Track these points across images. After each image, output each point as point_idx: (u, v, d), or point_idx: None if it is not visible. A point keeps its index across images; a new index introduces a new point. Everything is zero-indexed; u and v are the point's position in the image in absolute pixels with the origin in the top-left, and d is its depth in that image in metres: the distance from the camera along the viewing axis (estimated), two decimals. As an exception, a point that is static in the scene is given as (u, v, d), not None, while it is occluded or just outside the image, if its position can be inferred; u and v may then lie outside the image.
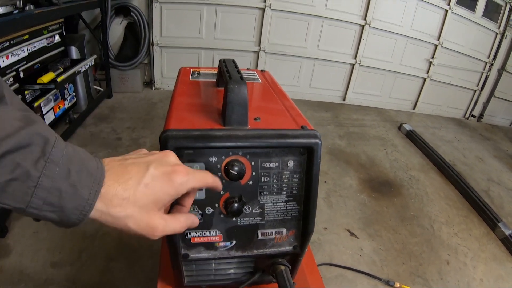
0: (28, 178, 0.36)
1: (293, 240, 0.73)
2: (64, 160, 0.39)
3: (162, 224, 0.46)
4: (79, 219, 0.41)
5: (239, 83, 0.66)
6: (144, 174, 0.45)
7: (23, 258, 1.85)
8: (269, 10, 4.15)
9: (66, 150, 0.40)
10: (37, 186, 0.37)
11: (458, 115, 5.52)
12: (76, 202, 0.39)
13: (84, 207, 0.40)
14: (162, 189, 0.46)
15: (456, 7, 4.54)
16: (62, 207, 0.39)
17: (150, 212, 0.45)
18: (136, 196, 0.43)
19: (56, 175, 0.38)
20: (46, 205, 0.38)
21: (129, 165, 0.45)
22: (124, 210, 0.43)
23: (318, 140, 0.66)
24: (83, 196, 0.40)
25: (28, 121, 0.38)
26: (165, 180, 0.46)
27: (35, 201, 0.37)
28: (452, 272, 2.19)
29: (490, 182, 3.45)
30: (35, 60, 2.55)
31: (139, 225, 0.44)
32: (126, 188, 0.43)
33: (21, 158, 0.36)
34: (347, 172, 3.10)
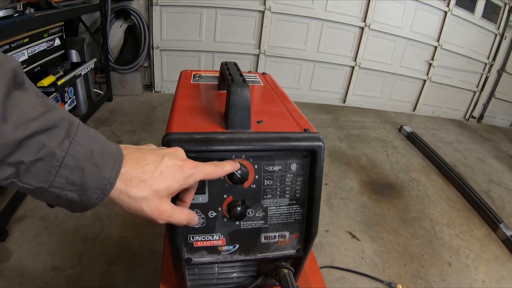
0: (53, 157, 0.38)
1: (297, 243, 0.73)
2: (87, 141, 0.42)
3: (169, 210, 0.50)
4: (99, 198, 0.43)
5: (241, 86, 0.65)
6: (161, 163, 0.49)
7: (23, 262, 1.84)
8: (269, 12, 4.16)
9: (89, 132, 0.43)
10: (61, 166, 0.39)
11: (458, 116, 5.52)
12: (98, 181, 0.42)
13: (105, 186, 0.43)
14: (174, 178, 0.49)
15: (455, 9, 4.55)
16: (84, 186, 0.41)
17: (162, 197, 0.49)
18: (152, 181, 0.47)
19: (80, 155, 0.40)
20: (69, 184, 0.40)
21: (146, 153, 0.50)
22: (141, 192, 0.46)
23: (321, 143, 0.66)
24: (105, 175, 0.43)
25: (49, 107, 0.40)
26: (177, 170, 0.50)
27: (58, 180, 0.39)
28: (454, 273, 2.19)
29: (491, 183, 3.45)
30: (35, 63, 2.55)
31: (151, 208, 0.48)
32: (144, 171, 0.47)
33: (47, 139, 0.38)
34: (348, 174, 3.10)
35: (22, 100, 0.38)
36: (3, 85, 0.36)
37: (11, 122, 0.36)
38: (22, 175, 0.38)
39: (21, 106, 0.37)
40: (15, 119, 0.36)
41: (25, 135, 0.36)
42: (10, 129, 0.35)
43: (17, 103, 0.37)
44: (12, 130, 0.35)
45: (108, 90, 3.96)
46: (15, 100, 0.37)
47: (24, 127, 0.36)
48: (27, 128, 0.36)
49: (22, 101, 0.38)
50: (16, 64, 0.38)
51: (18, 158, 0.37)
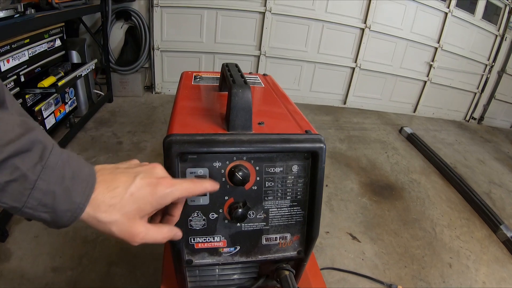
0: (26, 180, 0.39)
1: (298, 245, 0.73)
2: (59, 165, 0.42)
3: (143, 232, 0.49)
4: (70, 220, 0.44)
5: (243, 87, 0.65)
6: (131, 184, 0.48)
7: (23, 263, 1.84)
8: (270, 14, 4.16)
9: (62, 156, 0.43)
10: (33, 188, 0.40)
11: (459, 117, 5.52)
12: (68, 205, 0.42)
13: (76, 210, 0.43)
14: (145, 199, 0.48)
15: (456, 10, 4.55)
16: (55, 209, 0.42)
17: (133, 219, 0.48)
18: (121, 204, 0.46)
19: (52, 179, 0.41)
20: (41, 206, 0.41)
21: (118, 174, 0.49)
22: (109, 216, 0.46)
23: (323, 144, 0.66)
24: (75, 200, 0.43)
25: (27, 128, 0.40)
26: (149, 190, 0.49)
27: (31, 202, 0.40)
28: (454, 275, 2.18)
29: (492, 185, 3.44)
30: (36, 64, 2.55)
31: (121, 231, 0.47)
32: (113, 195, 0.46)
33: (20, 162, 0.38)
34: (348, 175, 3.10)
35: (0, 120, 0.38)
36: None
37: None
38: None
39: None
40: None
41: (0, 158, 0.37)
42: None
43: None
44: None
45: (109, 91, 3.96)
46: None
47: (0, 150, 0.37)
48: (2, 152, 0.37)
49: (1, 122, 0.38)
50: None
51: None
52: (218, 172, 0.63)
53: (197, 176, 0.63)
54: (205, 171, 0.63)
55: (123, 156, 2.91)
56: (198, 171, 0.62)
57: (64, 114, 2.93)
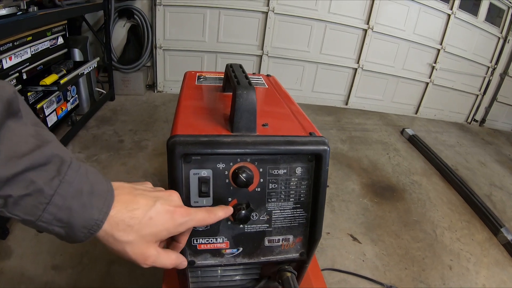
0: (42, 195, 0.38)
1: (300, 247, 0.73)
2: (77, 180, 0.41)
3: (154, 255, 0.50)
4: (85, 236, 0.43)
5: (247, 89, 0.65)
6: (151, 208, 0.48)
7: (23, 261, 1.84)
8: (272, 14, 4.15)
9: (80, 171, 0.42)
10: (49, 203, 0.39)
11: (461, 119, 5.51)
12: (85, 221, 0.42)
13: (93, 227, 0.43)
14: (164, 225, 0.49)
15: (458, 12, 4.54)
16: (71, 224, 0.41)
17: (148, 242, 0.48)
18: (140, 226, 0.47)
19: (69, 194, 0.40)
20: (56, 221, 0.40)
21: (138, 195, 0.49)
22: (126, 236, 0.46)
23: (327, 147, 0.66)
24: (93, 216, 0.42)
25: (43, 140, 0.40)
26: (168, 217, 0.49)
27: (46, 216, 0.39)
28: (454, 277, 2.18)
29: (493, 187, 3.44)
30: (38, 62, 2.54)
31: (135, 252, 0.48)
32: (132, 216, 0.46)
33: (36, 176, 0.38)
34: (350, 176, 3.09)
35: (14, 131, 0.38)
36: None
37: (2, 157, 0.36)
38: (10, 207, 0.38)
39: (13, 138, 0.37)
40: (6, 153, 0.36)
41: (15, 172, 0.36)
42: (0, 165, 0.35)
43: (9, 135, 0.37)
44: (1, 166, 0.35)
45: (111, 89, 3.96)
46: (7, 131, 0.37)
47: (14, 163, 0.36)
48: (17, 165, 0.36)
49: (15, 132, 0.38)
50: (10, 92, 0.38)
51: (6, 192, 0.37)
52: (222, 173, 0.63)
53: (200, 178, 0.63)
54: (208, 172, 0.63)
55: (124, 154, 2.91)
56: (202, 172, 0.62)
57: (66, 112, 2.93)
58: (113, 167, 2.73)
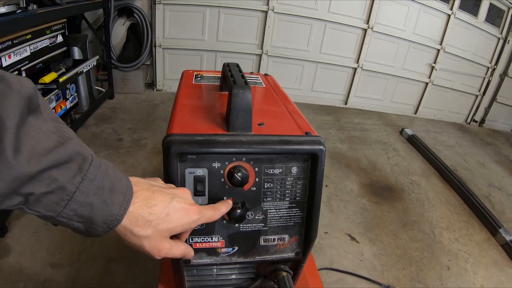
0: (64, 192, 0.39)
1: (296, 246, 0.73)
2: (99, 177, 0.43)
3: (168, 248, 0.53)
4: (104, 231, 0.45)
5: (243, 88, 0.65)
6: (169, 205, 0.51)
7: (22, 258, 1.85)
8: (272, 13, 4.15)
9: (101, 168, 0.44)
10: (71, 200, 0.40)
11: (460, 120, 5.51)
12: (105, 217, 0.43)
13: (112, 222, 0.44)
14: (180, 221, 0.52)
15: (458, 12, 4.54)
16: (91, 220, 0.43)
17: (164, 237, 0.52)
18: (157, 222, 0.49)
19: (91, 191, 0.41)
20: (76, 217, 0.41)
21: (156, 192, 0.51)
22: (145, 231, 0.48)
23: (323, 146, 0.66)
24: (113, 212, 0.44)
25: (64, 136, 0.41)
26: (183, 214, 0.52)
27: (67, 212, 0.40)
28: (452, 277, 2.18)
29: (491, 188, 3.44)
30: (38, 60, 2.55)
31: (151, 245, 0.50)
32: (151, 212, 0.48)
33: (59, 173, 0.39)
34: (348, 176, 3.10)
35: (36, 127, 0.38)
36: (17, 114, 0.36)
37: (24, 154, 0.35)
38: (31, 204, 0.38)
39: (35, 135, 0.37)
40: (28, 150, 0.36)
41: (37, 170, 0.36)
42: (23, 163, 0.35)
43: (31, 131, 0.37)
44: (24, 164, 0.35)
45: (110, 87, 3.96)
46: (28, 127, 0.37)
47: (37, 161, 0.36)
48: (40, 163, 0.37)
49: (36, 129, 0.38)
50: (31, 89, 0.38)
51: (28, 190, 0.37)
52: (217, 172, 0.64)
53: (196, 177, 0.63)
54: (204, 171, 0.63)
55: (123, 153, 2.91)
56: (197, 171, 0.63)
57: (65, 110, 2.93)
58: (112, 165, 2.72)
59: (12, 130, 0.35)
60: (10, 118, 0.35)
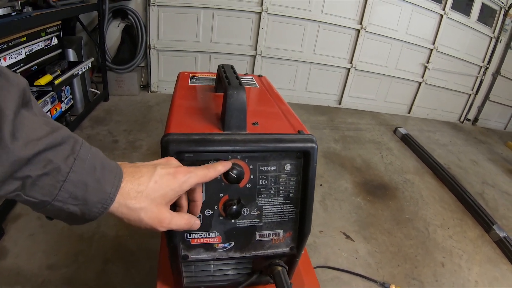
0: (59, 173, 0.41)
1: (290, 241, 0.75)
2: (90, 157, 0.44)
3: (168, 217, 0.52)
4: (100, 211, 0.46)
5: (238, 89, 0.67)
6: (154, 173, 0.51)
7: (19, 260, 1.85)
8: (266, 14, 4.17)
9: (92, 150, 0.46)
10: (65, 180, 0.41)
11: (453, 119, 5.56)
12: (99, 196, 0.45)
13: (106, 200, 0.45)
14: (169, 185, 0.52)
15: (451, 12, 4.58)
16: (86, 200, 0.44)
17: (160, 205, 0.51)
18: (148, 191, 0.50)
19: (84, 170, 0.43)
20: (72, 199, 0.43)
21: (140, 166, 0.52)
22: (139, 203, 0.49)
23: (314, 144, 0.68)
24: (106, 190, 0.45)
25: (55, 126, 0.43)
26: (170, 178, 0.52)
27: (62, 194, 0.42)
28: (447, 274, 2.21)
29: (485, 185, 3.48)
30: (33, 62, 2.55)
31: (150, 217, 0.50)
32: (140, 183, 0.49)
33: (53, 155, 0.40)
34: (343, 175, 3.12)
35: (29, 118, 0.40)
36: (14, 104, 0.38)
37: (21, 141, 0.38)
38: (28, 189, 0.40)
39: (29, 124, 0.40)
40: (24, 137, 0.38)
41: (34, 152, 0.38)
42: (20, 147, 0.37)
43: (25, 121, 0.39)
44: (22, 148, 0.37)
45: (105, 89, 3.96)
46: (23, 118, 0.39)
47: (33, 145, 0.38)
48: (36, 146, 0.39)
49: (29, 120, 0.40)
50: (25, 83, 0.41)
51: (25, 173, 0.39)
52: (214, 170, 0.65)
53: None
54: None
55: (118, 154, 2.91)
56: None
57: (60, 113, 2.94)
58: (108, 167, 2.73)
59: (10, 119, 0.37)
60: (9, 108, 0.37)
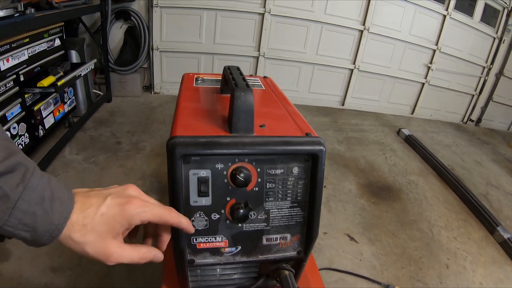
0: (8, 200, 0.41)
1: (298, 245, 0.74)
2: (40, 187, 0.44)
3: (117, 252, 0.50)
4: (49, 240, 0.45)
5: (245, 90, 0.67)
6: (101, 204, 0.49)
7: (22, 263, 1.84)
8: (269, 15, 4.17)
9: (42, 179, 0.45)
10: (14, 208, 0.41)
11: (457, 119, 5.54)
12: (47, 226, 0.44)
13: (54, 231, 0.45)
14: (115, 219, 0.49)
15: (454, 12, 4.57)
16: (35, 229, 0.44)
17: (106, 239, 0.49)
18: (92, 224, 0.47)
19: (32, 200, 0.43)
20: (21, 225, 0.43)
21: (91, 196, 0.50)
22: (83, 236, 0.47)
23: (323, 147, 0.67)
24: (54, 221, 0.44)
25: (10, 152, 0.42)
26: (118, 210, 0.49)
27: (12, 220, 0.42)
28: (451, 276, 2.20)
29: (489, 186, 3.46)
30: (36, 64, 2.55)
31: (96, 251, 0.48)
32: (85, 216, 0.47)
33: (3, 182, 0.40)
34: (347, 177, 3.11)
35: None
36: None
37: None
38: None
39: None
40: None
41: None
42: None
43: None
44: None
45: (108, 91, 3.97)
46: None
47: None
48: None
49: None
50: None
51: None
52: (221, 173, 0.65)
53: (200, 178, 0.64)
54: (207, 172, 0.64)
55: (122, 156, 2.91)
56: (201, 173, 0.64)
57: (63, 114, 2.94)
58: (111, 168, 2.73)
59: None
60: None
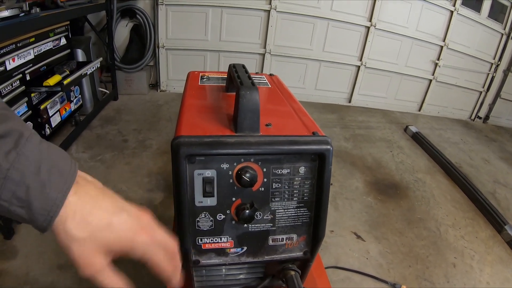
0: None
1: (304, 245, 0.73)
2: (35, 154, 0.38)
3: (96, 269, 0.43)
4: (46, 221, 0.39)
5: (251, 89, 0.66)
6: (114, 215, 0.43)
7: (29, 260, 1.86)
8: (275, 12, 4.15)
9: (40, 146, 0.39)
10: (6, 178, 0.36)
11: (464, 116, 5.49)
12: (43, 202, 0.38)
13: (52, 208, 0.39)
14: (120, 238, 0.44)
15: (461, 8, 4.52)
16: (30, 204, 0.38)
17: (96, 250, 0.42)
18: (95, 228, 0.42)
19: (26, 169, 0.37)
20: (15, 199, 0.37)
21: (108, 197, 0.45)
22: (79, 231, 0.41)
23: (330, 146, 0.66)
24: (51, 195, 0.39)
25: (4, 118, 0.38)
26: (127, 234, 0.44)
27: (5, 193, 0.37)
28: (458, 275, 2.18)
29: (497, 184, 3.43)
30: (42, 63, 2.56)
31: (80, 253, 0.41)
32: (91, 213, 0.42)
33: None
34: (353, 174, 3.09)
35: None
36: None
37: None
38: None
39: None
40: None
41: None
42: None
43: None
44: None
45: (114, 89, 3.98)
46: None
47: None
48: None
49: None
50: None
51: None
52: (226, 173, 0.64)
53: (205, 178, 0.63)
54: (212, 172, 0.63)
55: (128, 154, 2.92)
56: (206, 173, 0.63)
57: (70, 112, 2.95)
58: (118, 166, 2.74)
59: None
60: None
